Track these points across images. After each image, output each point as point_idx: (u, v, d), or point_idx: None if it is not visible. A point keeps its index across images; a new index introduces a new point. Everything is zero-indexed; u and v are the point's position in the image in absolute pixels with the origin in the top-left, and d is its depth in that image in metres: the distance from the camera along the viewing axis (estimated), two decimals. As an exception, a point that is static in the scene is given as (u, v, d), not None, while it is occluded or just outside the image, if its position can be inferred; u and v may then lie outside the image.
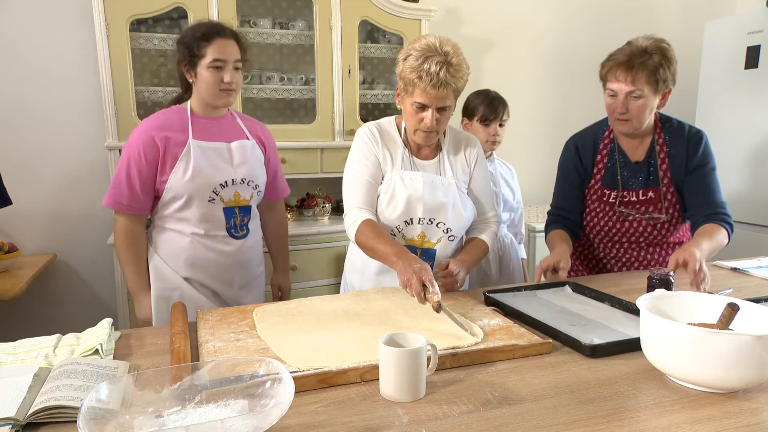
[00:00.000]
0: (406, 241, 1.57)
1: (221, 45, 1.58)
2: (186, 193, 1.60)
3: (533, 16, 3.47)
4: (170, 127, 1.62)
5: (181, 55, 1.63)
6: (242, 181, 1.68)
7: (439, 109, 1.45)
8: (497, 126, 2.02)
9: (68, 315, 2.83)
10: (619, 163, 1.74)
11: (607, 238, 1.80)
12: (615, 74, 1.60)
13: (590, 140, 1.80)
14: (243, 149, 1.70)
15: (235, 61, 1.61)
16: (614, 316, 1.33)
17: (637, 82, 1.57)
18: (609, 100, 1.66)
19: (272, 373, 0.87)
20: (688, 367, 0.94)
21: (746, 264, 1.82)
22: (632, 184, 1.73)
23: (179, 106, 1.70)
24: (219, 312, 1.31)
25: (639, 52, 1.57)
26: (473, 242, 1.61)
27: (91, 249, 2.81)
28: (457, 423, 0.85)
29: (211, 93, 1.61)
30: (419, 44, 1.42)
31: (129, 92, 2.47)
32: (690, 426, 0.84)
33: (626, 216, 1.73)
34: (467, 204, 1.59)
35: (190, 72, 1.62)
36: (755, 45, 2.98)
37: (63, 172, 2.74)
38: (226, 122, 1.72)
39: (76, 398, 0.86)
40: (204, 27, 1.61)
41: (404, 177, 1.53)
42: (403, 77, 1.44)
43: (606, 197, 1.75)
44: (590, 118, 3.87)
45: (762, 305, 1.04)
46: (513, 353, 1.09)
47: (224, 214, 1.66)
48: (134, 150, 1.60)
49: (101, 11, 2.37)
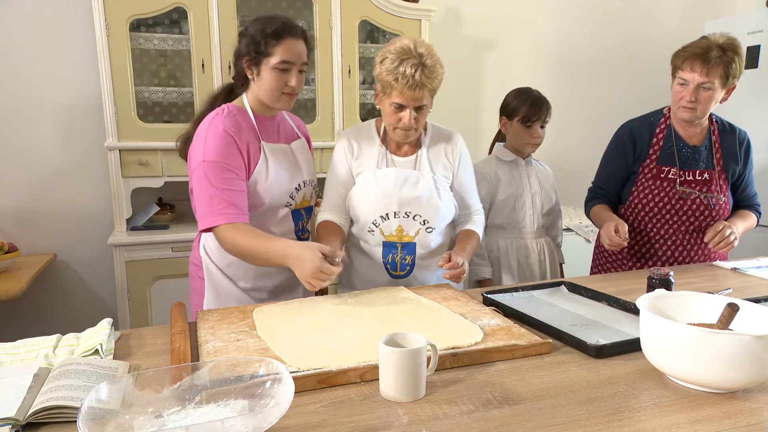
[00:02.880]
0: (385, 237, 1.61)
1: (291, 45, 1.45)
2: (267, 200, 1.51)
3: (533, 16, 3.47)
4: (243, 131, 1.48)
5: (245, 49, 1.47)
6: (308, 183, 1.63)
7: (416, 108, 1.50)
8: (539, 128, 1.96)
9: (68, 315, 2.83)
10: (676, 145, 1.82)
11: (660, 215, 1.84)
12: (691, 64, 1.68)
13: (647, 125, 1.89)
14: (301, 149, 1.64)
15: (302, 64, 1.48)
16: (613, 315, 1.33)
17: (711, 75, 1.66)
18: (678, 88, 1.74)
19: (272, 373, 0.87)
20: (688, 367, 0.94)
21: (746, 264, 1.82)
22: (690, 164, 1.82)
23: (235, 105, 1.53)
24: (219, 312, 1.31)
25: (716, 46, 1.66)
26: (465, 233, 1.67)
27: (92, 249, 2.81)
28: (457, 423, 0.85)
29: (272, 96, 1.48)
30: (394, 47, 1.47)
31: (129, 92, 2.47)
32: (690, 426, 0.84)
33: (685, 195, 1.80)
34: (444, 196, 1.62)
35: (252, 69, 1.48)
36: (755, 45, 2.98)
37: (63, 172, 2.74)
38: (280, 121, 1.63)
39: (76, 398, 0.86)
40: (276, 23, 1.45)
41: (377, 174, 1.60)
42: (381, 79, 1.49)
43: (665, 174, 1.82)
44: (590, 118, 3.89)
45: (762, 305, 1.04)
46: (513, 353, 1.09)
47: (293, 217, 1.60)
48: (219, 156, 1.41)
49: (101, 11, 2.37)
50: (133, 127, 2.51)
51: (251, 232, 1.40)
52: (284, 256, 1.34)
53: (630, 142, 1.87)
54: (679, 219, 1.82)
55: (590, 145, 3.41)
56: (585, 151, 3.55)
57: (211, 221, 1.41)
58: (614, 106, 3.70)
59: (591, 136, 3.62)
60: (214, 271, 1.57)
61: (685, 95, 1.72)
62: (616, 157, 1.91)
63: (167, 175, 2.59)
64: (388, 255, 1.62)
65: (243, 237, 1.39)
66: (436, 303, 1.35)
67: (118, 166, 2.50)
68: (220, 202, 1.40)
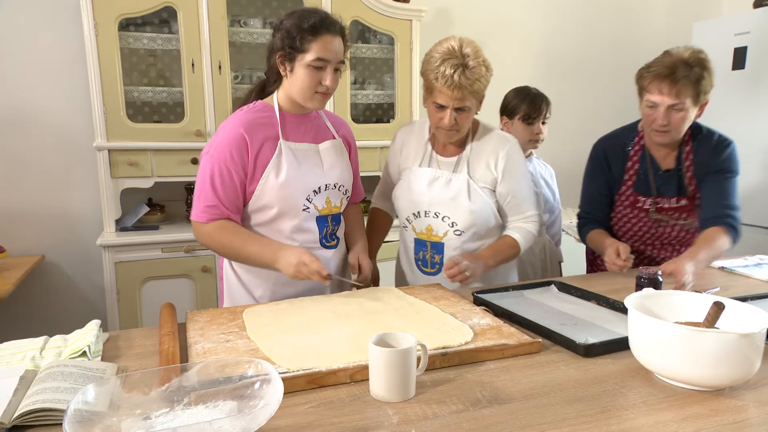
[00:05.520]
0: (417, 234, 1.67)
1: (328, 42, 1.37)
2: (279, 201, 1.44)
3: (523, 17, 3.49)
4: (260, 127, 1.44)
5: (279, 43, 1.40)
6: (334, 186, 1.53)
7: (457, 110, 1.50)
8: (540, 124, 1.98)
9: (56, 317, 2.80)
10: (651, 170, 1.74)
11: (640, 241, 1.82)
12: (658, 86, 1.57)
13: (620, 147, 1.80)
14: (332, 150, 1.54)
15: (338, 62, 1.41)
16: (602, 314, 1.34)
17: (681, 95, 1.55)
18: (648, 111, 1.63)
19: (261, 374, 0.86)
20: (675, 366, 0.94)
21: (733, 263, 1.84)
22: (666, 191, 1.74)
23: (264, 102, 1.50)
24: (209, 313, 1.31)
25: (681, 63, 1.55)
26: (501, 239, 1.65)
27: (80, 250, 2.79)
28: (447, 423, 0.86)
29: (305, 95, 1.42)
30: (441, 47, 1.49)
31: (118, 92, 2.46)
32: (677, 424, 0.85)
33: (661, 222, 1.75)
34: (478, 200, 1.60)
35: (285, 65, 1.41)
36: (742, 46, 3.01)
37: (52, 173, 2.72)
38: (313, 120, 1.55)
39: (62, 401, 0.85)
40: (314, 17, 1.37)
41: (416, 172, 1.65)
42: (425, 78, 1.52)
43: (641, 204, 1.76)
44: (581, 119, 3.91)
45: (748, 304, 1.05)
46: (503, 353, 1.10)
47: (317, 223, 1.52)
48: (224, 151, 1.40)
49: (89, 11, 2.35)
50: (123, 127, 2.49)
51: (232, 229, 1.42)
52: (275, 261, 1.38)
53: (606, 166, 1.80)
54: (660, 243, 1.80)
55: (579, 145, 3.41)
56: (574, 151, 3.56)
57: (195, 214, 1.43)
58: (604, 106, 3.72)
59: (580, 135, 3.62)
60: (231, 277, 1.55)
61: (656, 118, 1.60)
62: (595, 178, 1.84)
63: (157, 175, 2.57)
64: (419, 252, 1.68)
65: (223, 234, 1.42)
66: (426, 303, 1.35)
67: (107, 167, 2.49)
68: (208, 197, 1.41)
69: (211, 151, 1.42)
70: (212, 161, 1.41)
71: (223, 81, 2.58)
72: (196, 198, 1.44)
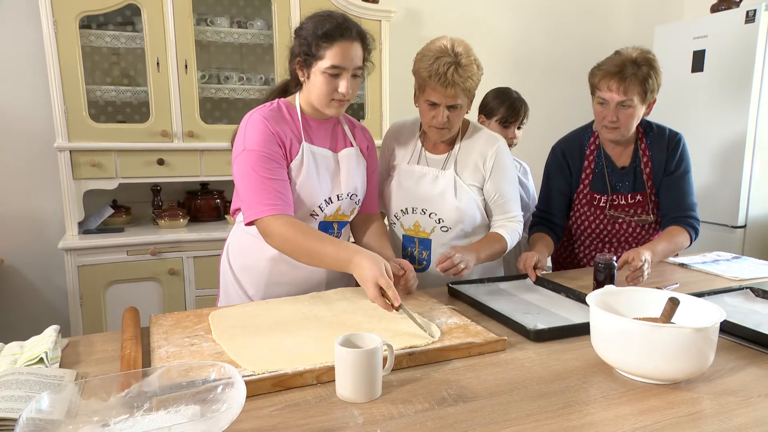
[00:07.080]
0: (405, 230, 1.70)
1: (344, 49, 1.34)
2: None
3: (492, 19, 3.53)
4: (284, 125, 1.41)
5: (297, 49, 1.40)
6: (347, 196, 1.51)
7: (449, 107, 1.52)
8: (516, 129, 2.00)
9: (16, 323, 2.71)
10: (606, 169, 1.79)
11: (598, 239, 1.86)
12: (608, 83, 1.64)
13: (576, 147, 1.85)
14: (350, 159, 1.51)
15: (355, 68, 1.37)
16: (567, 305, 1.40)
17: (629, 92, 1.62)
18: (598, 107, 1.70)
19: (224, 378, 0.85)
20: (634, 360, 0.97)
21: (692, 260, 1.90)
22: (620, 188, 1.79)
23: (287, 101, 1.47)
24: (173, 316, 1.28)
25: (629, 62, 1.62)
26: (489, 235, 1.67)
27: (41, 253, 2.70)
28: (412, 422, 0.86)
29: (321, 102, 1.40)
30: (433, 45, 1.51)
31: (80, 91, 2.39)
32: (635, 417, 0.87)
33: (616, 219, 1.80)
34: (464, 198, 1.62)
35: (303, 71, 1.40)
36: (701, 49, 3.11)
37: (12, 174, 2.63)
38: (332, 125, 1.52)
39: (16, 410, 0.83)
40: (328, 23, 1.35)
41: (405, 169, 1.68)
42: (417, 76, 1.54)
43: (597, 201, 1.81)
44: (549, 119, 3.97)
45: (704, 299, 1.08)
46: (469, 351, 1.11)
47: (320, 228, 1.48)
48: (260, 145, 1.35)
49: (48, 8, 2.29)
50: (85, 127, 2.42)
51: (304, 228, 1.32)
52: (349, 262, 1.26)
53: (565, 165, 1.85)
54: (617, 241, 1.84)
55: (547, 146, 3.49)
56: (542, 152, 3.62)
57: (257, 212, 1.33)
58: (572, 107, 3.78)
59: (548, 136, 3.69)
60: (227, 273, 1.53)
61: (606, 115, 1.66)
62: (553, 178, 1.87)
63: (122, 176, 2.51)
64: (407, 248, 1.71)
65: (296, 233, 1.30)
66: (394, 303, 1.36)
67: (68, 168, 2.42)
68: (266, 192, 1.33)
69: (247, 147, 1.36)
70: (254, 156, 1.34)
71: (190, 80, 2.54)
72: (252, 195, 1.34)
